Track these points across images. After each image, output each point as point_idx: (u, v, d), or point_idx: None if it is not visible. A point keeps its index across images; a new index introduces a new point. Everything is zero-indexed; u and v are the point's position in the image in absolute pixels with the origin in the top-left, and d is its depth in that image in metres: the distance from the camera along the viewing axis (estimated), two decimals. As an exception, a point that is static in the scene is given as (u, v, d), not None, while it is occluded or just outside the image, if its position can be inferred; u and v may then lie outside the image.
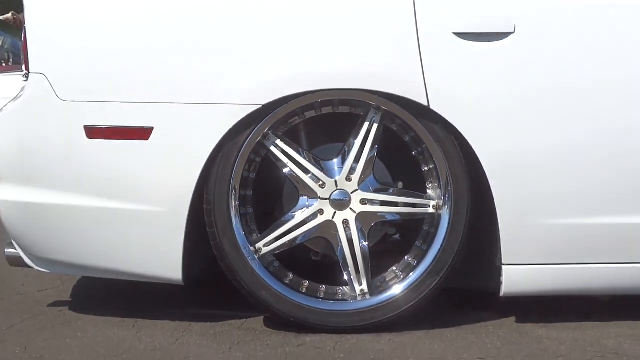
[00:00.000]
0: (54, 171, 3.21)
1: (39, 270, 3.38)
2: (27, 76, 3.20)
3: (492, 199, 3.10)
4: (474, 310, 3.39)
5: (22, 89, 3.22)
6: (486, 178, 3.09)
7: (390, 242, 3.42)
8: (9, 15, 9.23)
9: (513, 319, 3.33)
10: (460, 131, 3.09)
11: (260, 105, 3.06)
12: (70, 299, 3.67)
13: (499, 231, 3.12)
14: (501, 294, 3.21)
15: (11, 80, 5.54)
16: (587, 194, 3.15)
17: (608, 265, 3.21)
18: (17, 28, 2.98)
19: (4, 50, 8.68)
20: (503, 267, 3.16)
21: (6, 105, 3.26)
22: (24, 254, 3.32)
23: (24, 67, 3.26)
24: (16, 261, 3.37)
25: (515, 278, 3.18)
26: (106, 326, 3.33)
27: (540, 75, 3.13)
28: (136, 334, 3.22)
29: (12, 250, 3.35)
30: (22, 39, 3.24)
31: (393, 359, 2.95)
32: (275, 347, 3.08)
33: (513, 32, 3.08)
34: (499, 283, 3.20)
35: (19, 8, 3.33)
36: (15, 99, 3.23)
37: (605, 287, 3.30)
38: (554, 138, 3.12)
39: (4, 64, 8.33)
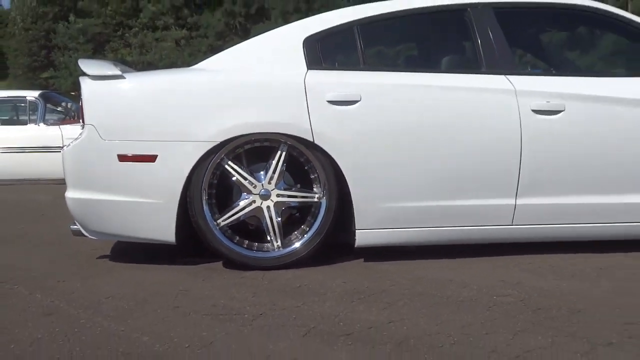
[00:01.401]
0: (98, 180, 3.27)
1: (91, 238, 3.41)
2: (83, 126, 3.26)
3: (350, 193, 3.21)
4: (341, 255, 3.42)
5: (80, 133, 3.28)
6: (346, 181, 3.20)
7: (294, 217, 3.45)
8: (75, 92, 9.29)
9: (362, 259, 3.39)
10: (332, 155, 3.19)
11: (219, 142, 3.16)
12: (109, 254, 3.69)
13: (353, 210, 3.22)
14: (355, 246, 3.30)
15: (75, 129, 5.55)
16: (405, 189, 3.26)
17: (417, 228, 3.30)
18: (78, 97, 3.01)
19: (71, 111, 8.58)
20: (356, 230, 3.25)
21: (71, 142, 3.33)
22: (82, 228, 3.36)
23: (81, 121, 3.30)
24: (78, 233, 3.40)
25: (363, 237, 3.27)
26: (131, 270, 3.37)
27: (376, 122, 3.24)
28: (148, 274, 3.27)
29: (75, 227, 3.40)
30: (80, 104, 3.30)
31: (296, 283, 3.02)
32: (229, 279, 3.15)
33: (360, 100, 3.21)
34: (354, 239, 3.28)
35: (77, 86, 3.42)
36: (76, 139, 3.30)
37: (416, 241, 3.36)
38: (383, 159, 3.23)
39: (71, 119, 8.27)
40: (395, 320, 2.49)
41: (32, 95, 8.61)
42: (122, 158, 3.22)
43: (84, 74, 3.31)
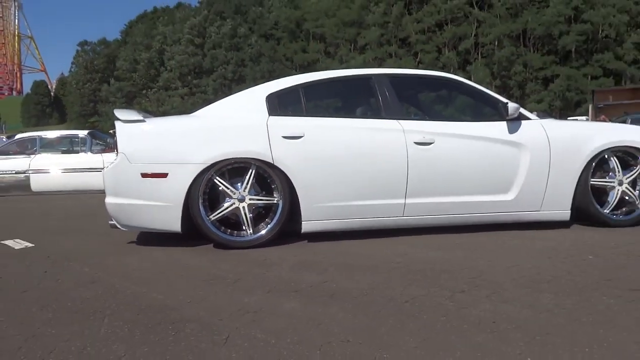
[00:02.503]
0: (127, 190, 3.19)
1: (123, 229, 3.32)
2: (117, 154, 3.19)
3: (298, 197, 3.20)
4: (292, 237, 3.34)
5: (115, 158, 3.21)
6: (295, 190, 3.19)
7: (261, 213, 3.32)
8: (112, 131, 9.15)
9: (306, 241, 3.34)
10: (286, 173, 3.18)
11: (210, 164, 3.12)
12: (136, 240, 3.59)
13: (300, 209, 3.21)
14: (301, 232, 3.26)
15: (112, 156, 5.43)
16: (334, 194, 3.22)
17: (342, 220, 3.27)
18: (114, 135, 2.91)
19: (110, 144, 8.53)
20: (302, 222, 3.24)
21: (109, 165, 3.25)
22: (117, 223, 3.27)
23: (116, 150, 3.24)
24: (114, 226, 3.30)
25: (307, 226, 3.25)
26: (150, 251, 3.29)
27: (314, 151, 3.22)
28: (162, 253, 3.19)
29: (112, 222, 3.30)
30: (115, 139, 3.25)
31: (262, 258, 2.98)
32: (217, 255, 3.09)
33: (303, 136, 3.21)
34: (301, 227, 3.25)
35: (114, 127, 3.33)
36: (112, 162, 3.22)
37: (341, 228, 3.31)
38: (320, 175, 3.21)
39: (109, 149, 8.19)
40: (328, 280, 2.50)
41: (83, 133, 8.70)
42: (144, 175, 3.16)
43: (118, 119, 3.24)
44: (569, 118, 24.44)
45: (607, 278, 2.38)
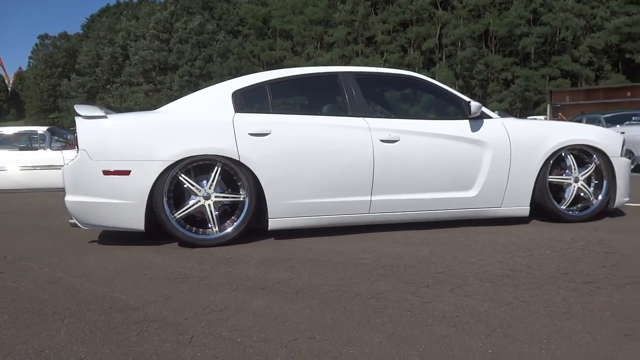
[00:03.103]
0: (88, 188, 3.09)
1: (84, 228, 3.21)
2: (77, 151, 3.09)
3: (264, 195, 3.17)
4: (260, 235, 3.35)
5: (76, 155, 3.11)
6: (262, 187, 3.17)
7: (227, 211, 3.29)
8: (73, 127, 9.02)
9: (273, 238, 3.34)
10: (252, 170, 3.15)
11: (174, 161, 3.06)
12: (97, 239, 3.49)
13: (267, 206, 3.19)
14: (268, 229, 3.24)
15: (72, 153, 5.27)
16: (300, 191, 3.21)
17: (309, 217, 3.26)
18: (74, 131, 2.82)
19: (70, 140, 8.29)
20: (269, 219, 3.21)
21: (69, 162, 3.14)
22: (77, 222, 3.17)
23: (76, 147, 3.12)
24: (74, 225, 3.20)
25: (274, 223, 3.23)
26: (112, 250, 3.20)
27: (281, 148, 3.19)
28: (125, 252, 3.11)
29: (72, 221, 3.20)
30: (75, 136, 3.14)
31: (228, 255, 2.94)
32: (182, 254, 3.02)
33: (270, 133, 3.18)
34: (267, 225, 3.23)
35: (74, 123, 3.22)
36: (73, 159, 3.12)
37: (308, 225, 3.29)
38: (286, 172, 3.19)
39: (70, 146, 7.95)
40: (295, 277, 2.48)
41: (42, 129, 8.40)
42: (106, 172, 3.07)
43: (79, 115, 3.14)
44: (528, 117, 25.20)
45: (563, 272, 2.47)
